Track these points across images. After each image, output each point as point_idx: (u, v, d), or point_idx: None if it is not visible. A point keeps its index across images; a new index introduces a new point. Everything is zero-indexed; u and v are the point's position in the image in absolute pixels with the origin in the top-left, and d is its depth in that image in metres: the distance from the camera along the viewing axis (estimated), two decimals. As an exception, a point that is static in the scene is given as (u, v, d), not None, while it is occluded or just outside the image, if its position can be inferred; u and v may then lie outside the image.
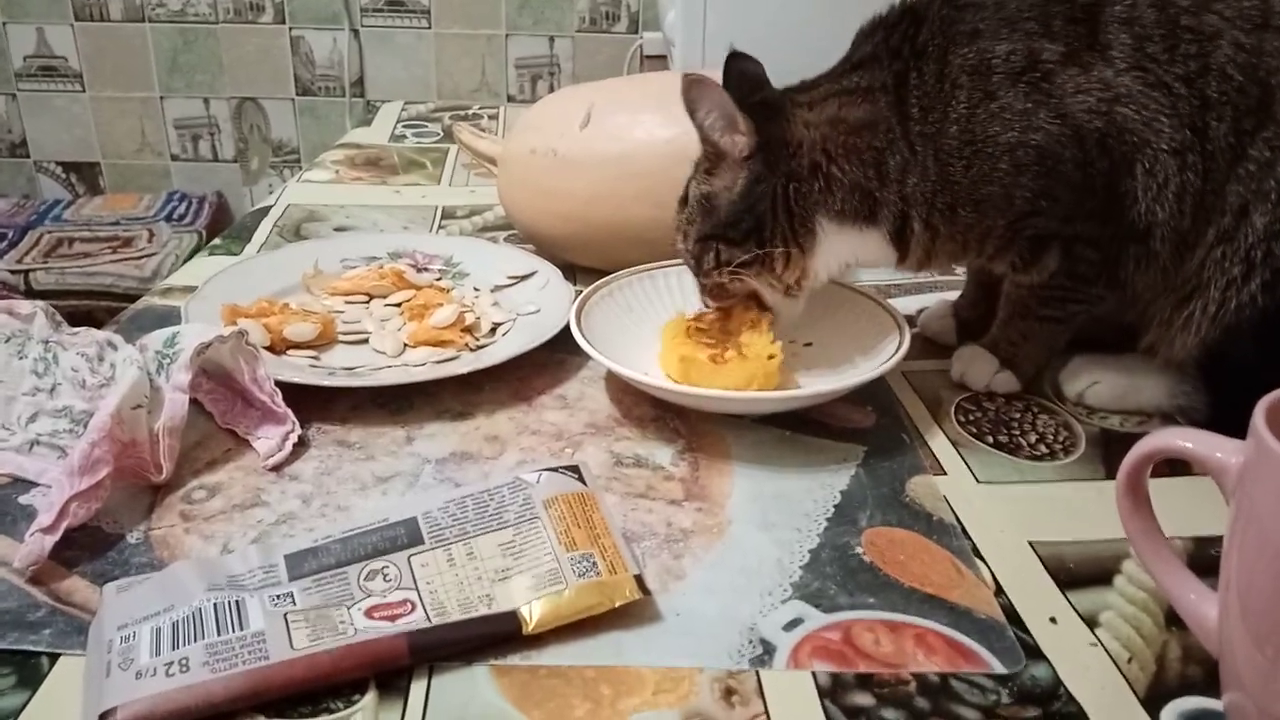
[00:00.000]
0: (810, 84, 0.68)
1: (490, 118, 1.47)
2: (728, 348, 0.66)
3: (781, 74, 0.68)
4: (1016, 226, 0.64)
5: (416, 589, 0.48)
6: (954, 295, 0.81)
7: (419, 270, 0.85)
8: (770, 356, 0.64)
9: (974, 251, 0.67)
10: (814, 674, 0.46)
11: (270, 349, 0.71)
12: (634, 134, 0.82)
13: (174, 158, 2.42)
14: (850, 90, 0.65)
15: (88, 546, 0.53)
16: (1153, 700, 0.45)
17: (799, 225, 0.65)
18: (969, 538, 0.55)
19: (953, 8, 0.64)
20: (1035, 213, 0.63)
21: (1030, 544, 0.55)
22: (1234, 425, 0.41)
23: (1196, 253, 0.62)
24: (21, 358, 0.65)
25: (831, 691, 0.45)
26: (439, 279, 0.84)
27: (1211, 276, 0.62)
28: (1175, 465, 0.57)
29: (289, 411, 0.63)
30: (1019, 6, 0.63)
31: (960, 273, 0.83)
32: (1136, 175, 0.61)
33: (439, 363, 0.71)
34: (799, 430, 0.65)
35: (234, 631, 0.45)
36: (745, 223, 0.65)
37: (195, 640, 0.44)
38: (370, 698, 0.44)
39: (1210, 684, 0.44)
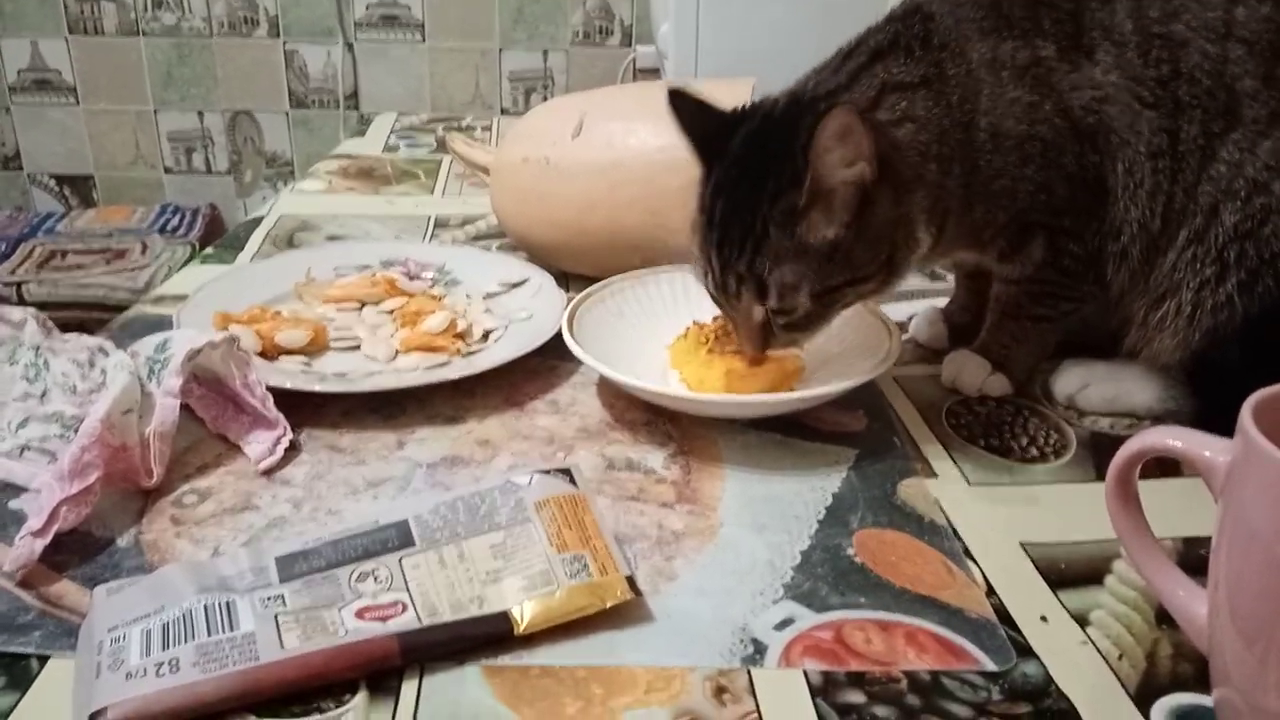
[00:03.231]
0: (842, 84, 0.62)
1: (484, 129, 1.48)
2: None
3: (774, 86, 0.67)
4: (1017, 220, 0.65)
5: (408, 590, 0.48)
6: (943, 302, 0.81)
7: (411, 278, 0.85)
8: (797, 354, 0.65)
9: (964, 245, 0.67)
10: (805, 672, 0.46)
11: (262, 355, 0.71)
12: (626, 142, 0.83)
13: (168, 170, 2.43)
14: (902, 84, 0.62)
15: (78, 550, 0.53)
16: (1143, 697, 0.45)
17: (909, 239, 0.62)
18: (960, 539, 0.56)
19: (954, 5, 0.64)
20: (1032, 207, 0.64)
21: (1021, 545, 0.55)
22: (1222, 429, 0.41)
23: (1169, 255, 0.63)
24: (13, 364, 0.65)
25: (823, 689, 0.45)
26: (431, 286, 0.85)
27: (1184, 278, 0.62)
28: (1165, 466, 0.57)
29: (280, 416, 0.63)
30: (1010, 6, 0.63)
31: (950, 279, 0.83)
32: (1118, 173, 0.63)
33: (430, 368, 0.71)
34: (790, 434, 0.65)
35: (224, 632, 0.45)
36: (883, 251, 0.60)
37: (186, 641, 0.44)
38: (361, 698, 0.44)
39: (1200, 680, 0.44)
